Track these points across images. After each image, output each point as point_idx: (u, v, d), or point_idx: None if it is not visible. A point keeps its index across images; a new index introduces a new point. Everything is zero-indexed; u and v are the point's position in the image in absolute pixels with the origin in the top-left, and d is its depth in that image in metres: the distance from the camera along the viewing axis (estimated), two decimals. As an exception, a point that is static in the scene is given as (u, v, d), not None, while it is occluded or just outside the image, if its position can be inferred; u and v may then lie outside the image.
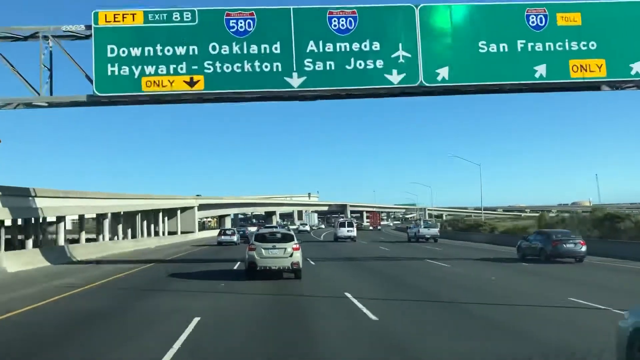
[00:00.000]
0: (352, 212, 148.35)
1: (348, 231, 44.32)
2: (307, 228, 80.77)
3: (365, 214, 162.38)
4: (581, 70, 19.17)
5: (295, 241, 15.04)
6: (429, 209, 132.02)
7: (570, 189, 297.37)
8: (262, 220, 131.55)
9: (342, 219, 53.81)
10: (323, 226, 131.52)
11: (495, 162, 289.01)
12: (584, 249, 21.01)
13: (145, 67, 18.77)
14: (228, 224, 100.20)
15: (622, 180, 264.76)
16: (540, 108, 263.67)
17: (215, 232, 54.80)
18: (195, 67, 18.84)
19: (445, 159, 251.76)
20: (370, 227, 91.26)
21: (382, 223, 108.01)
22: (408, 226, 55.90)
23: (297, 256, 14.70)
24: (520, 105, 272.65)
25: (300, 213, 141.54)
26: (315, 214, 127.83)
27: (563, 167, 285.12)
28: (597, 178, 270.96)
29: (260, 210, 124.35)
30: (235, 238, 40.81)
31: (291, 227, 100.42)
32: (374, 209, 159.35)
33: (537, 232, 24.58)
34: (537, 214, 68.14)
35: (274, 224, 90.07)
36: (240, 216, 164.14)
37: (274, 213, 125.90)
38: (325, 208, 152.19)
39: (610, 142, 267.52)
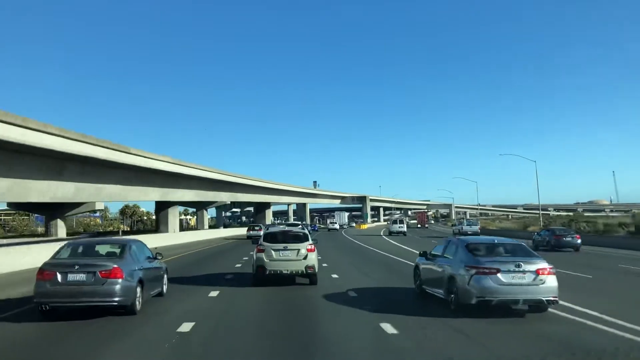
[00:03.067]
0: (371, 207, 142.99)
1: (399, 227, 59.79)
2: (337, 226, 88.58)
3: (385, 210, 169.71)
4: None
5: (310, 241, 14.47)
6: (455, 206, 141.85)
7: (589, 187, 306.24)
8: (252, 219, 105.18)
9: (394, 217, 73.80)
10: (354, 224, 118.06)
11: (511, 160, 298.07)
12: (579, 241, 30.50)
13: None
14: (173, 222, 56.71)
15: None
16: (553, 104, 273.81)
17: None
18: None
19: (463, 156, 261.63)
20: (418, 225, 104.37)
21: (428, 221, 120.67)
22: (454, 224, 72.81)
23: (313, 258, 14.10)
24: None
25: (302, 207, 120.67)
26: (345, 213, 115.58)
27: (581, 164, 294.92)
28: (615, 175, 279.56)
29: (245, 199, 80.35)
30: (262, 232, 50.51)
31: (320, 226, 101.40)
32: (394, 205, 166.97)
33: (546, 229, 35.12)
34: (570, 213, 76.65)
35: (268, 222, 77.39)
36: (227, 214, 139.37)
37: (267, 206, 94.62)
38: (338, 201, 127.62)
39: (630, 139, 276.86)
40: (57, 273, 9.67)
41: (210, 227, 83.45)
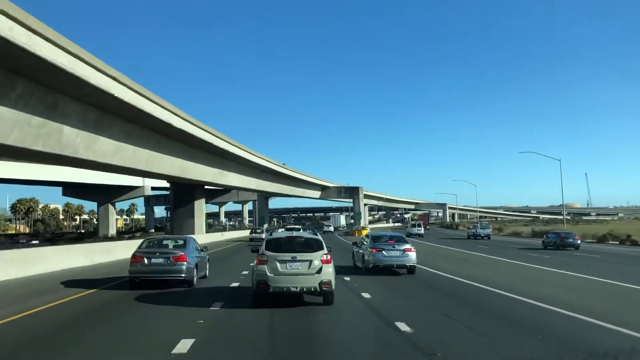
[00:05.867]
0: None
1: (417, 230, 66.69)
2: (331, 229, 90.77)
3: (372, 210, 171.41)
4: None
5: (325, 250, 12.40)
6: (449, 206, 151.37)
7: (558, 190, 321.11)
8: (169, 224, 62.38)
9: (413, 222, 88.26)
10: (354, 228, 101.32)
11: (491, 162, 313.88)
12: (579, 242, 38.54)
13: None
14: None
15: (619, 183, 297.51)
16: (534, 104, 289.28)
17: None
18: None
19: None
20: None
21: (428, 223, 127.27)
22: (468, 227, 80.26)
23: (328, 272, 12.03)
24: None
25: (263, 203, 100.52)
26: (342, 215, 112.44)
27: (555, 167, 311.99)
28: (587, 177, 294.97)
29: (133, 164, 30.44)
30: (263, 235, 51.38)
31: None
32: (381, 202, 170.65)
33: (552, 232, 44.76)
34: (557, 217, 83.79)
35: (199, 228, 51.00)
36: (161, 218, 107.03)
37: (198, 190, 51.33)
38: (317, 194, 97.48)
39: (604, 143, 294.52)
40: (144, 257, 14.95)
41: (126, 232, 62.40)
